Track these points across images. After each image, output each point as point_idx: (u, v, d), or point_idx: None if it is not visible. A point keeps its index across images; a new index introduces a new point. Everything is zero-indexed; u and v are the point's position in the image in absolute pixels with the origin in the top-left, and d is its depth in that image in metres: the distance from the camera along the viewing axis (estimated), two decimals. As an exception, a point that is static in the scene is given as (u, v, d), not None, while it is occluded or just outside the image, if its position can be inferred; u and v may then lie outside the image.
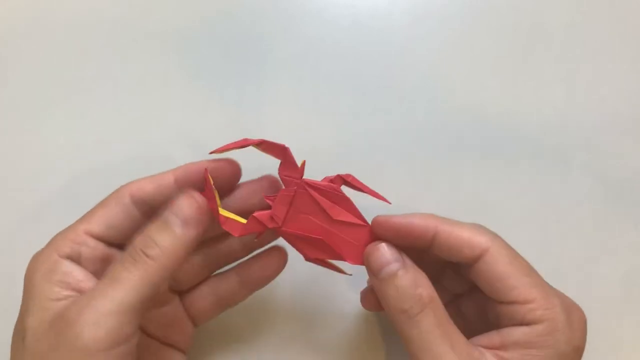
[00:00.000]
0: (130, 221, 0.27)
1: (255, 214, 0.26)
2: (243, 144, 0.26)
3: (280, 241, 0.29)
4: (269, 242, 0.30)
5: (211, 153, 0.26)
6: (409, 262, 0.26)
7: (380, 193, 0.35)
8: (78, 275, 0.25)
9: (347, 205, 0.27)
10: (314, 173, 0.34)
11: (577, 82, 0.36)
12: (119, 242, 0.27)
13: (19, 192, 0.35)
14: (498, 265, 0.25)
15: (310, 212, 0.27)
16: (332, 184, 0.27)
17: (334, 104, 0.36)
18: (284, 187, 0.27)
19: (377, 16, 0.37)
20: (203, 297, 0.30)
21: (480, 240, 0.26)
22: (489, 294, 0.26)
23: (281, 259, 0.29)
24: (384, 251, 0.26)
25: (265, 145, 0.26)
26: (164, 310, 0.29)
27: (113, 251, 0.27)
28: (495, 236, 0.26)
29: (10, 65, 0.36)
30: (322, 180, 0.27)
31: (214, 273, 0.30)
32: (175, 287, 0.30)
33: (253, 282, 0.30)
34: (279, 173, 0.27)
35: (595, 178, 0.35)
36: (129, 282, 0.23)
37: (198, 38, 0.36)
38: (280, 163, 0.26)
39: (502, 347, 0.25)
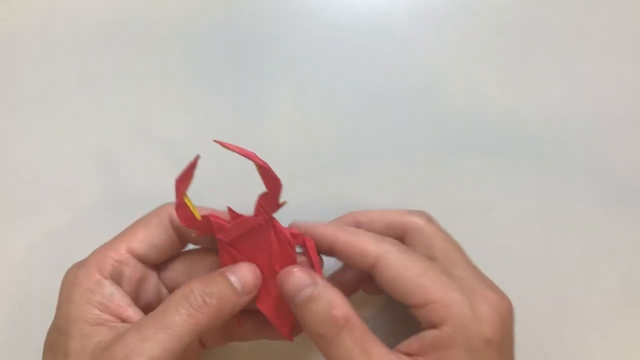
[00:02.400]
0: (170, 243, 0.27)
1: (211, 217, 0.26)
2: (248, 156, 0.25)
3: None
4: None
5: (215, 141, 0.26)
6: (322, 283, 0.25)
7: (380, 193, 0.35)
8: (118, 299, 0.25)
9: (291, 263, 0.27)
10: (314, 173, 0.34)
11: (577, 82, 0.36)
12: (155, 262, 0.28)
13: (19, 192, 0.35)
14: (390, 272, 0.25)
15: (258, 247, 0.27)
16: (291, 239, 0.27)
17: (334, 104, 0.36)
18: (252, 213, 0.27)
19: (377, 16, 0.37)
20: (216, 333, 0.30)
21: (371, 249, 0.26)
22: (396, 299, 0.26)
23: (298, 330, 0.29)
24: (297, 276, 0.25)
25: (265, 171, 0.25)
26: None
27: (149, 272, 0.27)
28: (388, 243, 0.26)
29: (10, 65, 0.36)
30: (286, 228, 0.27)
31: None
32: None
33: (265, 334, 0.30)
34: (258, 198, 0.26)
35: (595, 178, 0.35)
36: (182, 331, 0.23)
37: (198, 38, 0.36)
38: (265, 193, 0.26)
39: (419, 351, 0.25)
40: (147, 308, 0.27)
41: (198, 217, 0.26)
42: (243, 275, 0.26)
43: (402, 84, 0.36)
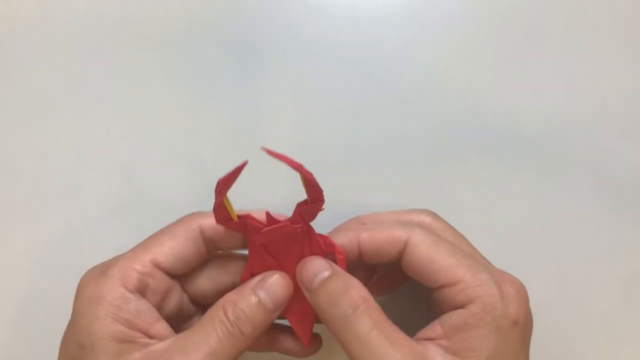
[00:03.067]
0: (197, 255, 0.27)
1: (248, 218, 0.26)
2: (296, 167, 0.25)
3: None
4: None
5: (263, 149, 0.25)
6: (339, 269, 0.25)
7: (380, 193, 0.35)
8: (145, 314, 0.25)
9: None
10: (314, 172, 0.34)
11: (577, 82, 0.36)
12: (181, 274, 0.27)
13: (19, 193, 0.34)
14: (420, 253, 0.25)
15: (289, 251, 0.26)
16: (323, 246, 0.27)
17: (334, 104, 0.36)
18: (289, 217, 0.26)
19: (377, 16, 0.37)
20: None
21: (399, 235, 0.26)
22: (423, 283, 0.26)
23: (316, 346, 0.29)
24: (314, 262, 0.25)
25: (310, 183, 0.25)
26: None
27: (173, 283, 0.27)
28: (414, 227, 0.26)
29: (10, 65, 0.36)
30: (320, 235, 0.27)
31: None
32: None
33: (279, 347, 0.29)
34: (297, 206, 0.26)
35: (595, 178, 0.35)
36: (225, 356, 0.24)
37: (198, 38, 0.36)
38: (306, 202, 0.26)
39: (443, 335, 0.24)
40: (170, 318, 0.26)
41: (235, 218, 0.26)
42: (273, 290, 0.25)
43: (402, 84, 0.36)
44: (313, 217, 0.26)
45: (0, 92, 0.36)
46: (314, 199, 0.26)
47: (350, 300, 0.24)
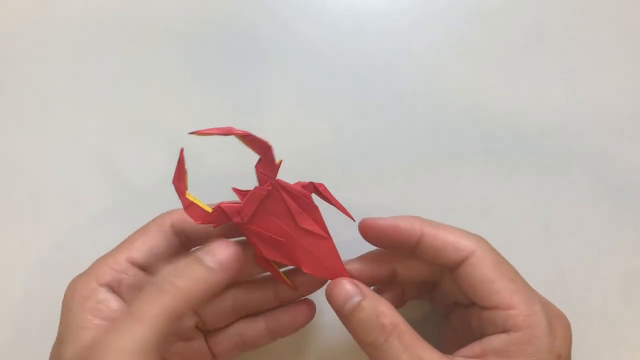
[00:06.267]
0: (169, 248, 0.27)
1: (222, 205, 0.26)
2: (227, 132, 0.25)
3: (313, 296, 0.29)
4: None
5: (190, 133, 0.26)
6: (369, 293, 0.26)
7: (380, 194, 0.35)
8: (113, 304, 0.25)
9: (315, 214, 0.27)
10: (314, 173, 0.34)
11: (577, 82, 0.36)
12: (159, 269, 0.27)
13: (18, 193, 0.34)
14: (483, 269, 0.25)
15: (277, 215, 0.26)
16: (304, 190, 0.27)
17: (334, 104, 0.36)
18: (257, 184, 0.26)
19: (376, 16, 0.37)
20: (228, 338, 0.30)
21: (466, 244, 0.26)
22: (472, 298, 0.26)
23: (310, 311, 0.29)
24: (344, 288, 0.26)
25: (249, 139, 0.25)
26: (188, 344, 0.29)
27: (151, 279, 0.27)
28: (480, 239, 0.26)
29: (10, 65, 0.36)
30: (294, 184, 0.27)
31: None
32: (202, 327, 0.29)
33: (280, 331, 0.29)
34: (256, 169, 0.26)
35: (595, 178, 0.35)
36: (150, 317, 0.23)
37: (198, 39, 0.36)
38: (260, 159, 0.26)
39: (482, 355, 0.25)
40: None
41: (209, 210, 0.26)
42: (216, 251, 0.25)
43: (402, 84, 0.36)
44: (274, 169, 0.26)
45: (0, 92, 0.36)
46: (262, 151, 0.26)
47: (382, 328, 0.24)
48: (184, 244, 0.28)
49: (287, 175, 0.27)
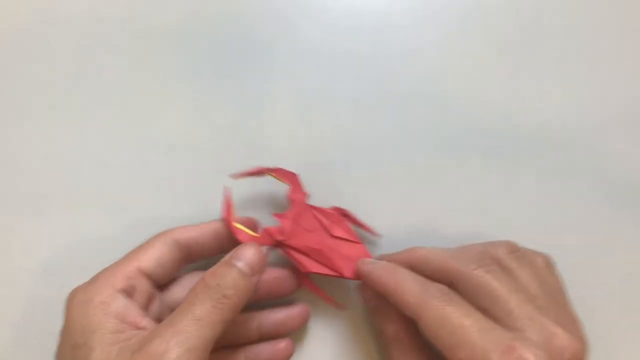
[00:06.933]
0: (174, 261, 0.29)
1: (267, 228, 0.29)
2: (259, 172, 0.30)
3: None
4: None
5: (231, 177, 0.31)
6: (383, 300, 0.28)
7: (380, 194, 0.35)
8: (134, 310, 0.26)
9: (343, 225, 0.31)
10: (314, 173, 0.34)
11: (577, 82, 0.36)
12: (160, 282, 0.29)
13: (19, 194, 0.35)
14: (428, 329, 0.26)
15: (312, 230, 0.30)
16: (331, 210, 0.31)
17: (334, 104, 0.36)
18: (291, 209, 0.30)
19: (376, 17, 0.37)
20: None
21: (409, 300, 0.27)
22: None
23: (289, 350, 0.31)
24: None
25: (278, 172, 0.30)
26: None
27: (155, 291, 0.28)
28: (433, 293, 0.26)
29: (9, 65, 0.36)
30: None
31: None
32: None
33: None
34: (289, 196, 0.30)
35: (595, 178, 0.35)
36: (211, 321, 0.24)
37: (198, 39, 0.36)
38: (290, 187, 0.31)
39: None
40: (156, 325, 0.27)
41: (256, 235, 0.29)
42: (247, 257, 0.26)
43: (402, 85, 0.36)
44: (303, 195, 0.31)
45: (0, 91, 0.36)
46: (292, 181, 0.31)
47: (385, 335, 0.29)
48: (185, 258, 0.29)
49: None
